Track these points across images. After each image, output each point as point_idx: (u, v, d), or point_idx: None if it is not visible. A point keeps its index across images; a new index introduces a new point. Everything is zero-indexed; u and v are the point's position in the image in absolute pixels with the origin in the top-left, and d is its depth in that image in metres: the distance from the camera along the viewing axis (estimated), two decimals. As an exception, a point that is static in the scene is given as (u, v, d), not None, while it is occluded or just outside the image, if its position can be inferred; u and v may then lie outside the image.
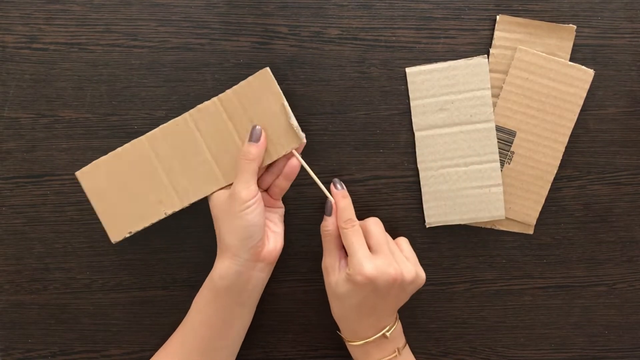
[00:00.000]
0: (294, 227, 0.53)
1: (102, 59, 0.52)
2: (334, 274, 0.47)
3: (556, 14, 0.52)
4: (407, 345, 0.49)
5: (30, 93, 0.52)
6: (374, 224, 0.48)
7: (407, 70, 0.52)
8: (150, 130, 0.52)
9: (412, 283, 0.46)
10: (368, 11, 0.52)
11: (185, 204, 0.48)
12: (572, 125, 0.52)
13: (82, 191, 0.53)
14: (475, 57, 0.52)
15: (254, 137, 0.47)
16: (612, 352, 0.55)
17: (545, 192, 0.53)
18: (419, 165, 0.53)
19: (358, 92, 0.53)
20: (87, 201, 0.53)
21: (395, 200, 0.53)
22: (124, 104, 0.52)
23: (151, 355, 0.50)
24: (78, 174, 0.49)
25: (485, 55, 0.52)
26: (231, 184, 0.47)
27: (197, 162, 0.48)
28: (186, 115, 0.48)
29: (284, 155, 0.48)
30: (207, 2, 0.52)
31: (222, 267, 0.46)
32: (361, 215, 0.51)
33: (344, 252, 0.48)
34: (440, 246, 0.54)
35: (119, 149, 0.49)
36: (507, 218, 0.53)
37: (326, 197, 0.48)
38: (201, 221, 0.52)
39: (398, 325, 0.48)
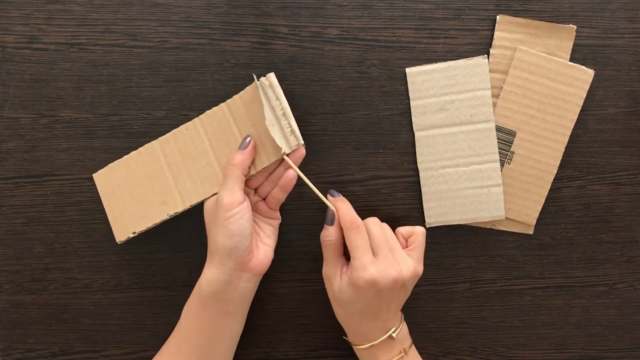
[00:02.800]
0: (294, 227, 0.53)
1: (102, 59, 0.52)
2: (336, 280, 0.46)
3: (556, 14, 0.52)
4: (413, 345, 0.49)
5: (30, 93, 0.52)
6: (373, 225, 0.47)
7: (407, 70, 0.52)
8: (151, 130, 0.52)
9: (411, 279, 0.46)
10: (368, 11, 0.52)
11: (187, 205, 0.49)
12: (572, 125, 0.52)
13: (82, 191, 0.53)
14: (475, 57, 0.52)
15: (242, 145, 0.47)
16: (612, 352, 0.55)
17: (545, 192, 0.53)
18: (419, 165, 0.53)
19: (358, 92, 0.53)
20: (88, 201, 0.53)
21: (395, 200, 0.53)
22: (124, 104, 0.52)
23: (151, 356, 0.50)
24: (95, 176, 0.51)
25: (485, 56, 0.52)
26: None
27: (201, 164, 0.49)
28: (196, 120, 0.49)
29: (279, 163, 0.48)
30: (207, 2, 0.52)
31: (209, 274, 0.46)
32: (361, 215, 0.51)
33: (344, 259, 0.48)
34: (440, 246, 0.54)
35: (134, 152, 0.50)
36: (507, 218, 0.53)
37: (325, 206, 0.48)
38: (201, 221, 0.52)
39: (404, 326, 0.48)
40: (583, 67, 0.51)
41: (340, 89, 0.53)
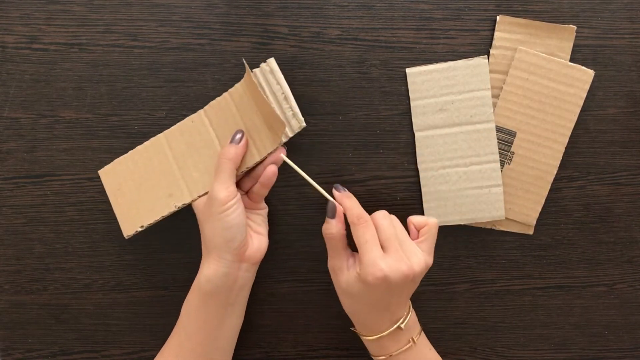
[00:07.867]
0: (295, 227, 0.53)
1: (102, 59, 0.52)
2: (343, 273, 0.46)
3: (556, 14, 0.52)
4: (422, 332, 0.48)
5: (30, 93, 0.52)
6: (382, 218, 0.46)
7: (407, 70, 0.52)
8: (151, 130, 0.52)
9: (421, 272, 0.44)
10: (368, 11, 0.52)
11: (194, 196, 0.49)
12: (572, 125, 0.52)
13: (82, 191, 0.53)
14: (475, 58, 0.52)
15: (235, 139, 0.47)
16: (612, 352, 0.55)
17: (545, 193, 0.53)
18: (419, 166, 0.53)
19: (358, 92, 0.53)
20: (88, 201, 0.53)
21: (395, 200, 0.53)
22: (124, 104, 0.52)
23: (152, 356, 0.50)
24: (101, 172, 0.50)
25: (486, 56, 0.52)
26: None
27: (208, 155, 0.49)
28: (201, 111, 0.49)
29: (269, 157, 0.48)
30: (207, 2, 0.52)
31: (209, 271, 0.46)
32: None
33: (349, 251, 0.48)
34: (440, 246, 0.54)
35: (140, 146, 0.50)
36: (507, 218, 0.53)
37: (327, 200, 0.48)
38: (201, 221, 0.52)
39: (412, 315, 0.47)
40: (583, 67, 0.52)
41: (340, 89, 0.53)
